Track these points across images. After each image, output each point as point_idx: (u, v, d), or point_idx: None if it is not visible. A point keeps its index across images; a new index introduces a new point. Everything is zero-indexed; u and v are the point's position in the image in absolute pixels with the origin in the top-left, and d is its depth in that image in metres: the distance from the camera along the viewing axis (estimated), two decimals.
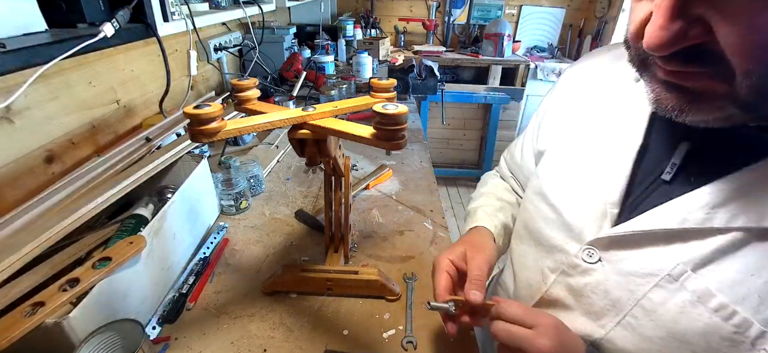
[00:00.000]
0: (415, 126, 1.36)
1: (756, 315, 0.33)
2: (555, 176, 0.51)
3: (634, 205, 0.42)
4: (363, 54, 1.73)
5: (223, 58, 1.46)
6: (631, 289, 0.40)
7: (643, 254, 0.40)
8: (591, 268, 0.44)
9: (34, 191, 0.66)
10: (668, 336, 0.38)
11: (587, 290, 0.44)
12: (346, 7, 3.04)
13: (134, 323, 0.45)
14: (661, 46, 0.28)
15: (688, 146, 0.39)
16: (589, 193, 0.45)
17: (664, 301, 0.38)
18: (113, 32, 0.64)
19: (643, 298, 0.39)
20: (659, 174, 0.41)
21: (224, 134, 0.44)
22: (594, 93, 0.51)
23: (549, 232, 0.49)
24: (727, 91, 0.29)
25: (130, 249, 0.54)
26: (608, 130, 0.47)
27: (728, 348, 0.35)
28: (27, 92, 0.67)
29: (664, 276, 0.38)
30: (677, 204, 0.37)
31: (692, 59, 0.29)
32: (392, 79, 0.56)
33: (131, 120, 1.00)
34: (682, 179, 0.39)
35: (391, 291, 0.64)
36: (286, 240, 0.79)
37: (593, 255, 0.43)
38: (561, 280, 0.47)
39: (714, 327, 0.35)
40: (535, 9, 3.02)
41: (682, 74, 0.31)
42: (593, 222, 0.44)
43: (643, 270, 0.39)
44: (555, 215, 0.49)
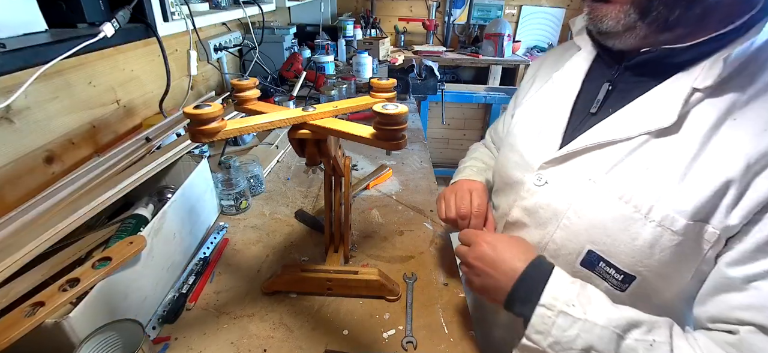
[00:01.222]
0: (415, 126, 1.36)
1: (646, 195, 0.45)
2: (519, 129, 0.63)
3: (571, 136, 0.53)
4: (363, 54, 1.73)
5: (223, 58, 1.46)
6: (566, 197, 0.51)
7: (574, 168, 0.51)
8: (539, 189, 0.55)
9: (34, 191, 0.66)
10: (589, 227, 0.49)
11: (536, 206, 0.55)
12: (346, 7, 3.04)
13: (134, 323, 0.45)
14: None
15: (608, 87, 0.52)
16: (541, 134, 0.57)
17: (587, 200, 0.49)
18: (113, 32, 0.64)
19: (574, 201, 0.50)
20: (589, 110, 0.54)
21: (224, 134, 0.44)
22: (549, 67, 0.65)
23: (513, 172, 0.61)
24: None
25: (130, 249, 0.54)
26: (556, 88, 0.60)
27: (630, 225, 0.46)
28: (27, 92, 0.67)
29: (587, 182, 0.49)
30: (597, 126, 0.50)
31: None
32: (392, 80, 0.56)
33: (131, 120, 1.00)
34: (603, 111, 0.52)
35: (391, 291, 0.64)
36: (286, 240, 0.79)
37: (541, 179, 0.55)
38: (518, 204, 0.58)
39: (619, 210, 0.46)
40: (535, 9, 3.02)
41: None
42: (543, 154, 0.55)
43: (573, 180, 0.51)
44: (517, 157, 0.60)
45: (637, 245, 0.46)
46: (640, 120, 0.47)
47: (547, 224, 0.54)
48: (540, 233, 0.55)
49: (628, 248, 0.46)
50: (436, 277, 0.70)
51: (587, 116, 0.54)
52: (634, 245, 0.46)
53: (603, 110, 0.52)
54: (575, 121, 0.55)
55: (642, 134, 0.46)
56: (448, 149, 3.33)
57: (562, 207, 0.52)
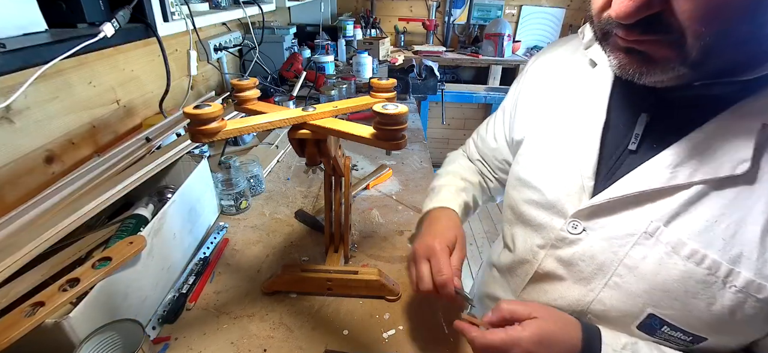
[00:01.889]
0: (415, 126, 1.36)
1: (723, 255, 0.38)
2: (533, 161, 0.55)
3: (607, 176, 0.46)
4: (363, 54, 1.73)
5: (223, 58, 1.46)
6: (614, 251, 0.44)
7: (620, 218, 0.44)
8: (577, 238, 0.48)
9: (34, 191, 0.66)
10: (650, 288, 0.42)
11: (575, 258, 0.48)
12: (346, 7, 3.04)
13: (134, 323, 0.45)
14: (628, 14, 0.33)
15: (647, 118, 0.44)
16: (565, 171, 0.50)
17: (644, 256, 0.42)
18: (113, 32, 0.64)
19: (625, 257, 0.43)
20: (626, 145, 0.46)
21: (224, 134, 0.44)
22: (558, 82, 0.56)
23: (533, 212, 0.53)
24: (680, 54, 0.34)
25: (130, 249, 0.54)
26: (573, 112, 0.52)
27: (703, 290, 0.39)
28: (27, 92, 0.67)
29: (641, 234, 0.42)
30: (644, 169, 0.42)
31: (650, 28, 0.34)
32: (392, 80, 0.56)
33: (131, 120, 1.00)
34: (645, 147, 0.44)
35: (391, 291, 0.64)
36: (286, 240, 0.79)
37: (577, 227, 0.47)
38: (551, 254, 0.51)
39: (689, 272, 0.39)
40: (535, 9, 3.02)
41: (640, 42, 0.36)
42: (573, 197, 0.48)
43: (623, 232, 0.44)
44: (537, 196, 0.53)
45: (714, 311, 0.39)
46: (701, 163, 0.39)
47: (591, 279, 0.47)
48: (582, 289, 0.48)
49: (702, 314, 0.40)
50: None
51: (625, 152, 0.46)
52: (709, 312, 0.39)
53: (645, 147, 0.44)
54: (608, 157, 0.47)
55: (704, 181, 0.39)
56: (448, 149, 3.30)
57: (610, 262, 0.45)
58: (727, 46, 0.34)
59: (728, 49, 0.34)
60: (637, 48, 0.37)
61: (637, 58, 0.37)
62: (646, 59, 0.37)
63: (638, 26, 0.34)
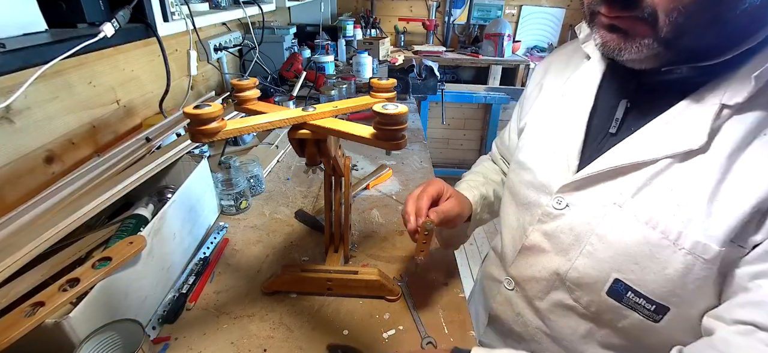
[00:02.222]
0: (415, 126, 1.36)
1: (675, 220, 0.42)
2: (530, 146, 0.60)
3: (590, 157, 0.50)
4: (363, 54, 1.73)
5: (223, 58, 1.46)
6: (589, 222, 0.49)
7: (596, 192, 0.49)
8: (560, 213, 0.52)
9: (34, 191, 0.66)
10: (615, 254, 0.47)
11: (557, 231, 0.53)
12: (346, 7, 3.04)
13: (134, 323, 0.45)
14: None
15: (626, 104, 0.49)
16: (555, 153, 0.55)
17: (612, 226, 0.47)
18: (113, 32, 0.64)
19: (597, 227, 0.48)
20: (607, 129, 0.51)
21: (224, 134, 0.44)
22: (558, 78, 0.61)
23: (526, 192, 0.58)
24: (653, 31, 0.39)
25: (130, 249, 0.54)
26: (567, 101, 0.57)
27: (658, 252, 0.43)
28: (27, 92, 0.67)
29: (611, 206, 0.47)
30: (619, 148, 0.47)
31: (628, 4, 0.39)
32: (392, 80, 0.56)
33: (131, 120, 1.00)
34: (624, 129, 0.49)
35: (391, 291, 0.64)
36: (286, 240, 0.79)
37: (561, 202, 0.52)
38: (538, 228, 0.55)
39: (646, 237, 0.44)
40: (535, 9, 3.02)
41: (619, 18, 0.41)
42: (559, 176, 0.53)
43: (598, 204, 0.48)
44: (530, 177, 0.57)
45: (668, 274, 0.43)
46: (665, 141, 0.44)
47: (569, 250, 0.51)
48: (561, 259, 0.53)
49: (658, 277, 0.44)
50: (436, 277, 0.70)
51: (606, 135, 0.51)
52: (664, 274, 0.43)
53: (623, 129, 0.49)
54: (592, 140, 0.52)
55: (668, 156, 0.43)
56: (448, 149, 3.33)
57: (585, 233, 0.49)
58: (695, 27, 0.38)
59: (696, 31, 0.38)
60: (617, 25, 0.41)
61: (617, 35, 0.42)
62: (625, 36, 0.41)
63: (617, 2, 0.40)
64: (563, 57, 0.64)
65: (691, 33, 0.38)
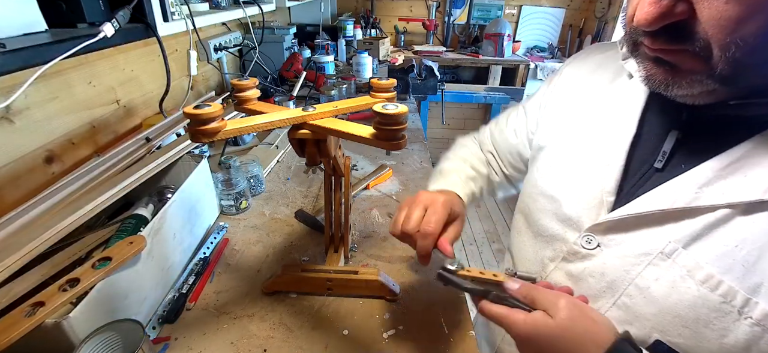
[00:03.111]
0: (415, 126, 1.36)
1: (741, 283, 0.35)
2: (553, 170, 0.53)
3: (629, 193, 0.44)
4: (363, 54, 1.73)
5: (223, 58, 1.46)
6: (627, 269, 0.42)
7: (638, 236, 0.42)
8: (590, 254, 0.46)
9: (34, 191, 0.66)
10: (659, 312, 0.40)
11: (585, 274, 0.46)
12: (346, 7, 3.04)
13: (134, 323, 0.45)
14: (648, 21, 0.33)
15: (677, 135, 0.42)
16: (586, 184, 0.48)
17: (657, 278, 0.40)
18: (113, 32, 0.64)
19: (638, 277, 0.41)
20: (652, 163, 0.44)
21: (224, 134, 0.44)
22: (589, 90, 0.54)
23: (547, 223, 0.51)
24: (706, 66, 0.33)
25: (130, 249, 0.54)
26: (603, 124, 0.49)
27: (716, 318, 0.37)
28: (27, 92, 0.67)
29: (657, 254, 0.40)
30: (668, 187, 0.40)
31: (676, 37, 0.33)
32: (392, 80, 0.56)
33: (131, 120, 1.00)
34: (673, 165, 0.42)
35: (391, 291, 0.64)
36: (286, 240, 0.79)
37: (592, 241, 0.46)
38: (561, 267, 0.49)
39: (702, 298, 0.37)
40: (535, 9, 3.02)
41: (666, 51, 0.35)
42: (591, 211, 0.46)
43: (638, 251, 0.42)
44: (553, 207, 0.51)
45: (726, 343, 0.36)
46: (727, 186, 0.37)
47: (599, 298, 0.45)
48: None
49: (712, 346, 0.37)
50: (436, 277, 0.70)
51: (650, 170, 0.44)
52: (721, 344, 0.37)
53: (672, 165, 0.42)
54: (633, 173, 0.45)
55: (731, 204, 0.36)
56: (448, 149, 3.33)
57: (621, 281, 0.43)
58: (759, 63, 0.32)
59: (760, 68, 0.33)
60: (663, 58, 0.36)
61: (663, 69, 0.37)
62: (673, 70, 0.36)
63: (663, 34, 0.34)
64: (593, 66, 0.56)
65: (754, 70, 0.33)
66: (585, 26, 3.05)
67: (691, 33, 0.32)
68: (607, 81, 0.52)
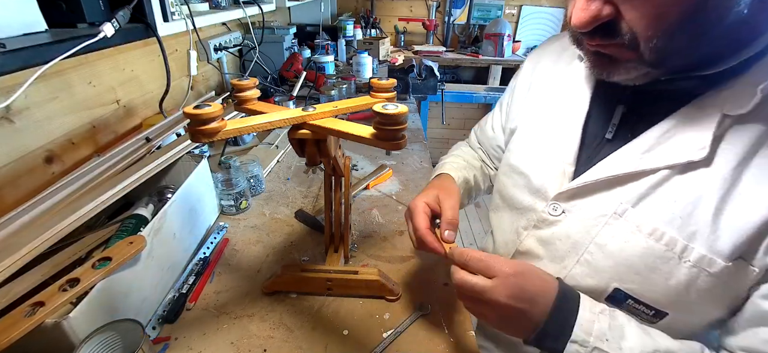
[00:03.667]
0: (415, 126, 1.36)
1: (680, 233, 0.41)
2: (523, 149, 0.59)
3: (586, 162, 0.50)
4: (363, 54, 1.73)
5: (223, 58, 1.46)
6: (587, 230, 0.48)
7: (595, 200, 0.48)
8: (556, 220, 0.51)
9: (34, 191, 0.66)
10: (616, 264, 0.46)
11: (553, 238, 0.52)
12: (346, 7, 3.04)
13: (134, 323, 0.45)
14: (581, 24, 0.38)
15: (623, 109, 0.48)
16: (550, 157, 0.54)
17: (612, 235, 0.46)
18: (113, 32, 0.64)
19: (597, 236, 0.47)
20: (603, 135, 0.50)
21: (224, 134, 0.44)
22: (550, 75, 0.60)
23: (520, 196, 0.57)
24: (636, 55, 0.39)
25: (130, 249, 0.54)
26: (562, 104, 0.55)
27: (662, 264, 0.43)
28: (27, 92, 0.66)
29: (612, 214, 0.46)
30: (617, 155, 0.46)
31: (607, 34, 0.39)
32: (392, 80, 0.56)
33: (131, 120, 1.00)
34: (621, 136, 0.48)
35: (391, 291, 0.64)
36: (286, 240, 0.79)
37: (557, 209, 0.51)
38: (532, 233, 0.55)
39: (650, 248, 0.43)
40: (535, 9, 3.02)
41: (602, 45, 0.41)
42: (555, 181, 0.52)
43: (596, 213, 0.47)
44: (524, 181, 0.56)
45: (671, 284, 0.43)
46: (666, 150, 0.43)
47: (565, 257, 0.50)
48: (556, 266, 0.51)
49: (661, 287, 0.43)
50: (436, 277, 0.70)
51: (602, 141, 0.50)
52: (667, 285, 0.43)
53: (620, 136, 0.48)
54: (588, 145, 0.51)
55: (669, 166, 0.42)
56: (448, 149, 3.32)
57: (583, 241, 0.48)
58: (680, 47, 0.37)
59: (682, 50, 0.38)
60: (601, 51, 0.41)
61: (603, 60, 0.42)
62: (611, 61, 0.41)
63: (597, 33, 0.39)
64: (552, 54, 0.62)
65: (677, 52, 0.38)
66: None
67: (619, 30, 0.38)
68: (565, 66, 0.58)
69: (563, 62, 0.58)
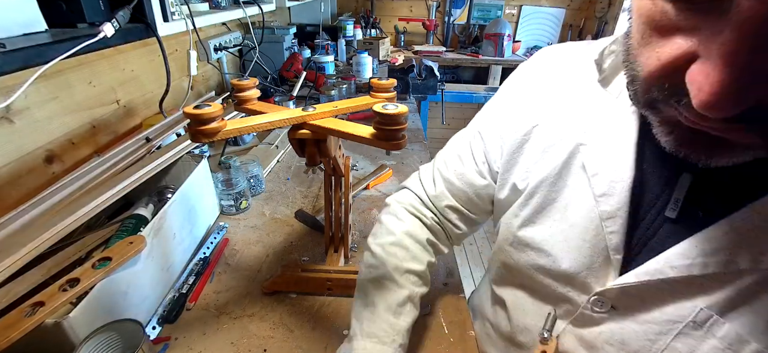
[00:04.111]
0: (415, 126, 1.36)
1: None
2: (538, 219, 0.45)
3: (638, 247, 0.38)
4: (363, 54, 1.73)
5: (223, 58, 1.46)
6: (651, 339, 0.36)
7: (660, 301, 0.36)
8: (603, 318, 0.40)
9: (34, 191, 0.66)
10: None
11: (601, 341, 0.40)
12: (346, 7, 3.04)
13: (134, 323, 0.45)
14: (721, 109, 0.22)
15: (690, 179, 0.35)
16: (585, 237, 0.40)
17: (691, 351, 0.34)
18: (113, 32, 0.64)
19: (666, 348, 0.36)
20: (661, 210, 0.37)
21: (224, 134, 0.44)
22: (563, 109, 0.44)
23: (546, 281, 0.44)
24: (762, 142, 0.25)
25: (130, 249, 0.54)
26: (591, 157, 0.41)
27: None
28: (27, 92, 0.66)
29: (688, 323, 0.34)
30: (692, 246, 0.33)
31: (745, 119, 0.23)
32: (392, 80, 0.56)
33: (131, 120, 1.00)
34: (689, 215, 0.35)
35: None
36: (286, 240, 0.79)
37: (604, 305, 0.40)
38: (571, 331, 0.43)
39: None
40: (535, 9, 3.02)
41: (720, 129, 0.25)
42: (596, 271, 0.40)
43: (663, 318, 0.36)
44: (548, 263, 0.44)
45: None
46: (766, 244, 0.30)
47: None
48: None
49: None
50: (436, 277, 0.70)
51: (660, 218, 0.37)
52: None
53: (687, 215, 0.35)
54: (641, 224, 0.38)
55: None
56: None
57: (646, 351, 0.37)
58: None
59: None
60: (710, 133, 0.26)
61: (703, 141, 0.27)
62: (717, 142, 0.26)
63: (720, 114, 0.23)
64: (563, 74, 0.46)
65: None
66: (585, 26, 3.05)
67: (760, 111, 0.22)
68: (584, 94, 0.43)
69: (582, 89, 0.43)
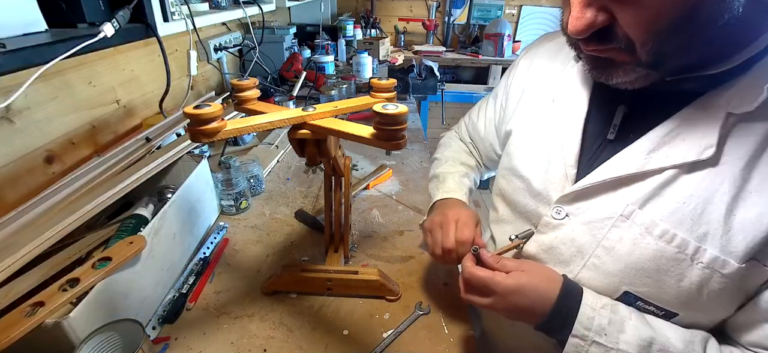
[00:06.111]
0: (415, 126, 1.36)
1: (691, 234, 0.41)
2: (522, 152, 0.58)
3: (588, 164, 0.49)
4: (363, 54, 1.73)
5: (223, 58, 1.46)
6: (593, 234, 0.47)
7: (599, 202, 0.47)
8: (560, 223, 0.50)
9: (34, 191, 0.66)
10: (625, 267, 0.45)
11: (557, 242, 0.51)
12: (346, 7, 3.04)
13: (134, 323, 0.45)
14: (577, 31, 0.38)
15: (624, 109, 0.48)
16: (551, 160, 0.53)
17: (620, 237, 0.45)
18: (113, 32, 0.64)
19: (603, 239, 0.46)
20: (605, 135, 0.49)
21: (224, 134, 0.44)
22: (546, 76, 0.59)
23: (522, 201, 0.56)
24: (633, 58, 0.39)
25: (130, 249, 0.54)
26: (560, 105, 0.54)
27: (673, 266, 0.42)
28: (27, 92, 0.66)
29: (618, 217, 0.45)
30: (621, 156, 0.45)
31: (603, 39, 0.39)
32: (392, 80, 0.56)
33: (131, 120, 1.00)
34: (623, 136, 0.47)
35: (391, 291, 0.64)
36: (286, 240, 0.79)
37: (561, 212, 0.50)
38: (535, 239, 0.53)
39: (660, 250, 0.42)
40: (535, 9, 3.02)
41: (599, 50, 0.41)
42: (557, 184, 0.51)
43: (601, 215, 0.46)
44: (525, 185, 0.56)
45: (683, 286, 0.42)
46: (671, 150, 0.42)
47: (570, 262, 0.49)
48: (560, 271, 0.50)
49: (672, 289, 0.43)
50: (436, 277, 0.70)
51: (604, 142, 0.49)
52: (679, 287, 0.42)
53: (621, 136, 0.47)
54: (589, 146, 0.50)
55: (675, 165, 0.42)
56: None
57: (588, 245, 0.47)
58: (676, 49, 0.37)
59: (679, 51, 0.37)
60: (599, 56, 0.41)
61: (601, 64, 0.42)
62: (609, 63, 0.41)
63: (593, 39, 0.39)
64: (547, 54, 0.61)
65: (674, 54, 0.38)
66: None
67: (615, 35, 0.38)
68: (561, 65, 0.57)
69: (559, 62, 0.58)
